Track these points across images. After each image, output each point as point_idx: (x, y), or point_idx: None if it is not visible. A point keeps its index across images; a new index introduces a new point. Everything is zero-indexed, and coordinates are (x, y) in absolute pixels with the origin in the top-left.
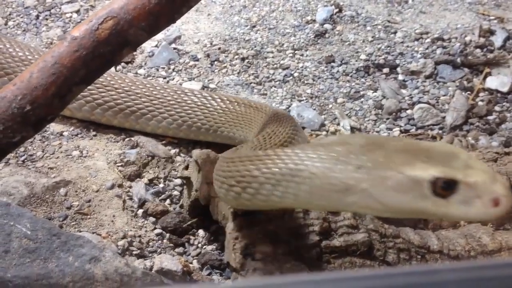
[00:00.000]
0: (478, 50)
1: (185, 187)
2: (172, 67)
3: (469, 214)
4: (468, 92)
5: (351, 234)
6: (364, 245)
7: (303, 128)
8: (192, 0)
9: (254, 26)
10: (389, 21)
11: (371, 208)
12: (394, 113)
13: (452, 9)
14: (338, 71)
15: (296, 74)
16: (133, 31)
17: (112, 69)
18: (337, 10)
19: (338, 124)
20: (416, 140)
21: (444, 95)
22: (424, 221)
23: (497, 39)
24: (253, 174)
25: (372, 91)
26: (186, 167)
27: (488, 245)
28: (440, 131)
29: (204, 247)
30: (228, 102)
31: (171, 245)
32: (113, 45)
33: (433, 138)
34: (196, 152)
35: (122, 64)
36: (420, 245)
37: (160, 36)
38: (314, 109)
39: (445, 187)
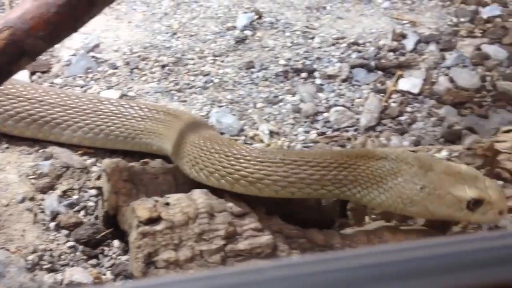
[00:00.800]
0: (391, 53)
1: (100, 197)
2: (90, 75)
3: (483, 220)
4: (382, 94)
5: (256, 237)
6: (269, 247)
7: (222, 134)
8: (95, 10)
9: (175, 33)
10: (307, 27)
11: (423, 215)
12: (311, 117)
13: (368, 14)
14: (257, 77)
15: (216, 80)
16: (30, 41)
17: (26, 79)
18: (257, 16)
19: (257, 129)
20: (451, 163)
21: (359, 98)
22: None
23: (409, 43)
24: None
25: (290, 96)
26: (98, 177)
27: (389, 241)
28: (355, 133)
29: (119, 257)
30: (146, 109)
31: (84, 257)
32: (9, 55)
33: (348, 139)
34: (105, 162)
35: (38, 74)
36: (324, 244)
37: (78, 44)
38: (234, 115)
39: (475, 204)
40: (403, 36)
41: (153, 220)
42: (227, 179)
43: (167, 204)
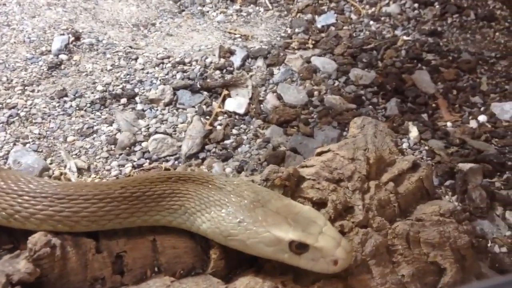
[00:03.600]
0: (218, 72)
1: None
2: None
3: (315, 268)
4: (208, 117)
5: None
6: None
7: None
8: None
9: None
10: (131, 47)
11: (245, 250)
12: (127, 148)
13: (201, 29)
14: (71, 106)
15: (22, 114)
16: None
17: None
18: (73, 38)
19: (65, 167)
20: (293, 203)
21: (182, 123)
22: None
23: (237, 59)
24: None
25: (107, 125)
26: None
27: None
28: (176, 162)
29: None
30: None
31: None
32: None
33: (166, 169)
34: None
35: None
36: None
37: None
38: (40, 151)
39: (298, 247)
40: (231, 53)
41: None
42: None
43: None
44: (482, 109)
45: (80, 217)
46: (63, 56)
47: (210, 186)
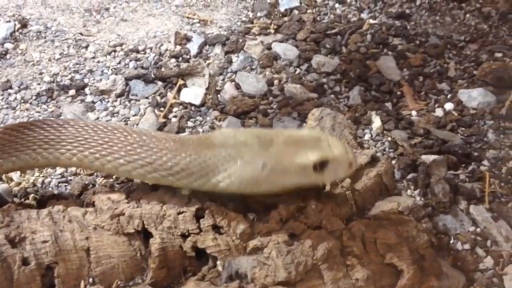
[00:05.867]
0: (173, 60)
1: None
2: None
3: (338, 176)
4: (162, 109)
5: None
6: None
7: None
8: None
9: None
10: (82, 34)
11: (276, 191)
12: None
13: (157, 14)
14: (16, 99)
15: None
16: None
17: None
18: (20, 25)
19: None
20: (292, 132)
21: (134, 115)
22: None
23: (193, 46)
24: None
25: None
26: None
27: None
28: None
29: None
30: None
31: None
32: None
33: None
34: None
35: None
36: None
37: None
38: None
39: (321, 166)
40: (188, 39)
41: None
42: None
43: None
44: (449, 96)
45: None
46: (8, 45)
47: (211, 146)
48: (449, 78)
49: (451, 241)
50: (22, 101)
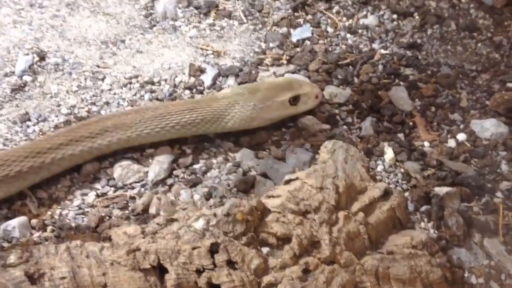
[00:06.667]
0: (187, 91)
1: None
2: None
3: (308, 106)
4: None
5: None
6: None
7: None
8: None
9: None
10: (98, 66)
11: (266, 124)
12: (92, 175)
13: (172, 46)
14: (34, 131)
15: None
16: None
17: None
18: (38, 58)
19: (25, 197)
20: (271, 80)
21: (150, 147)
22: None
23: (207, 78)
24: None
25: None
26: None
27: None
28: (142, 189)
29: None
30: None
31: None
32: None
33: (132, 198)
34: None
35: None
36: None
37: None
38: None
39: (294, 100)
40: (202, 71)
41: None
42: None
43: None
44: (461, 126)
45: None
46: (27, 78)
47: (217, 99)
48: (461, 109)
49: (466, 275)
50: (41, 133)
